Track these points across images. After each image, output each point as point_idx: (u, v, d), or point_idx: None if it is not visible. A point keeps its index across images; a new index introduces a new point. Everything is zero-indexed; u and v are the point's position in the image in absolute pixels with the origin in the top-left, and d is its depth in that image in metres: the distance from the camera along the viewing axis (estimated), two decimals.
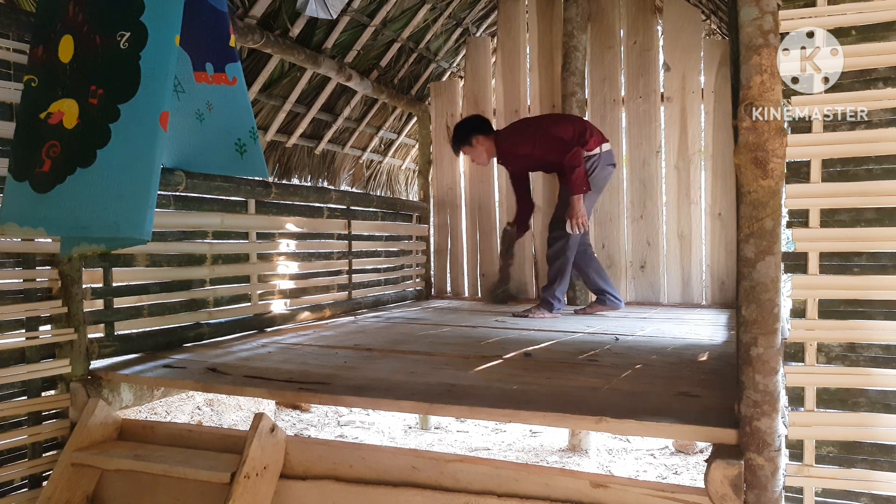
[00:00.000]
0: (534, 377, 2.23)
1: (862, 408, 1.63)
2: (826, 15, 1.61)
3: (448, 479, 1.85)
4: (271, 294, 3.42)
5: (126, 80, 1.92)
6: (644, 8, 4.58)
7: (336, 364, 2.48)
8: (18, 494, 2.19)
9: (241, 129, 2.56)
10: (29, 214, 1.98)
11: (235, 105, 2.53)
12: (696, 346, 2.88)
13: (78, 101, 1.98)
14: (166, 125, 1.94)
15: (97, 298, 2.49)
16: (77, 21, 2.02)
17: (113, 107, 1.92)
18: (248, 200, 3.29)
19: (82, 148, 1.94)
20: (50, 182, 1.96)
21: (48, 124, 2.00)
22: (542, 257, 4.88)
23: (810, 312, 1.65)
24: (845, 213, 1.63)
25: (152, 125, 1.91)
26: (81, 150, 1.94)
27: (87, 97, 1.96)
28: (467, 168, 5.16)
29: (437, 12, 4.76)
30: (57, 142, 1.98)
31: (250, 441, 1.94)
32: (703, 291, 4.51)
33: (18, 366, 2.19)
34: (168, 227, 2.82)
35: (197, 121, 2.54)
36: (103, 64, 1.96)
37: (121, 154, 1.91)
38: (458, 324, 3.62)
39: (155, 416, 3.78)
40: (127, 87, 1.92)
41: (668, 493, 1.66)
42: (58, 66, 2.02)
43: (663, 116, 4.55)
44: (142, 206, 1.90)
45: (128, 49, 1.93)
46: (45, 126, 2.00)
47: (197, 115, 2.54)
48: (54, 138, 1.98)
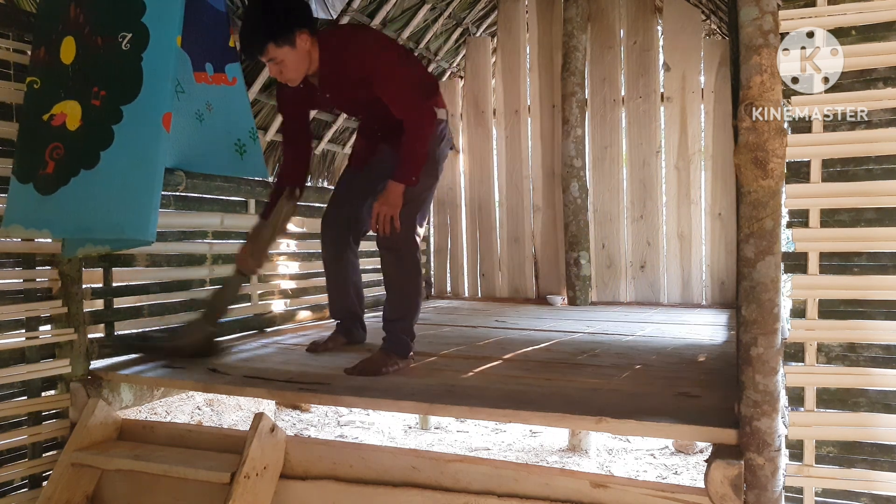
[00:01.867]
0: (534, 377, 2.23)
1: (862, 408, 1.63)
2: (826, 15, 1.61)
3: (448, 479, 1.85)
4: (271, 294, 3.42)
5: (128, 82, 1.92)
6: (644, 8, 4.58)
7: (336, 364, 2.47)
8: (18, 494, 2.19)
9: (240, 129, 2.56)
10: (33, 216, 1.99)
11: (235, 105, 2.54)
12: (696, 346, 2.88)
13: (80, 103, 1.98)
14: (169, 126, 1.94)
15: (97, 298, 2.49)
16: (78, 22, 2.02)
17: (115, 108, 1.92)
18: (248, 200, 3.30)
19: (85, 149, 1.94)
20: (54, 184, 1.96)
21: (51, 126, 2.00)
22: (541, 257, 4.89)
23: (810, 312, 1.65)
24: (845, 213, 1.63)
25: (155, 126, 1.91)
26: (85, 152, 1.94)
27: (90, 98, 1.96)
28: (467, 168, 5.16)
29: (437, 12, 4.76)
30: (60, 143, 1.98)
31: (250, 441, 1.94)
32: (703, 291, 4.50)
33: (18, 366, 2.19)
34: (168, 227, 2.82)
35: (197, 121, 2.55)
36: (105, 65, 1.96)
37: (124, 155, 1.91)
38: (458, 324, 3.62)
39: (155, 416, 3.78)
40: (129, 88, 1.92)
41: (668, 493, 1.66)
42: (60, 68, 2.02)
43: (663, 116, 4.55)
44: (146, 207, 1.90)
45: (129, 50, 1.93)
46: (47, 128, 2.00)
47: (197, 116, 2.54)
48: (57, 140, 1.98)
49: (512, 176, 4.98)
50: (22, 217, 2.00)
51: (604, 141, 4.68)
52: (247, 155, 2.57)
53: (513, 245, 4.97)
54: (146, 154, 1.91)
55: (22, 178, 2.02)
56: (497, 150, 5.09)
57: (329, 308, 2.88)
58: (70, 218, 1.96)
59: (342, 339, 2.81)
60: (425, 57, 5.10)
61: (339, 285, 2.78)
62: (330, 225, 2.72)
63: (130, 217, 1.90)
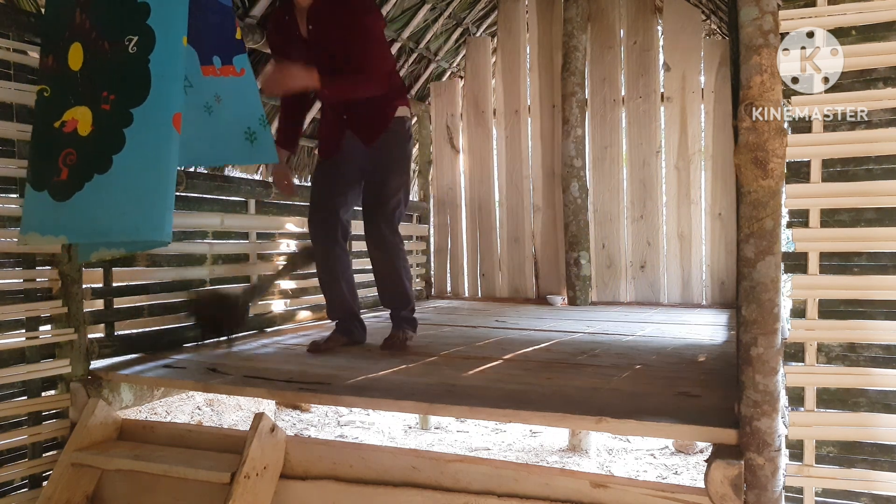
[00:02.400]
0: (534, 377, 2.23)
1: (862, 408, 1.63)
2: (826, 15, 1.61)
3: (448, 479, 1.85)
4: (271, 294, 3.42)
5: (137, 85, 1.93)
6: (644, 8, 4.58)
7: (336, 364, 2.47)
8: (18, 494, 2.19)
9: (250, 117, 2.56)
10: (50, 223, 2.00)
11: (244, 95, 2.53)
12: (696, 346, 2.88)
13: (91, 108, 1.99)
14: (180, 126, 1.94)
15: (97, 298, 2.49)
16: (84, 28, 2.02)
17: (126, 112, 1.93)
18: (248, 200, 3.29)
19: (98, 154, 1.95)
20: (68, 190, 1.98)
21: (63, 133, 2.01)
22: (541, 257, 4.89)
23: (810, 312, 1.65)
24: (845, 213, 1.63)
25: (166, 127, 1.91)
26: (97, 157, 1.95)
27: (100, 104, 1.97)
28: (467, 168, 5.16)
29: (437, 12, 4.76)
30: (73, 150, 1.99)
31: (250, 441, 1.94)
32: (703, 291, 4.51)
33: (18, 366, 2.19)
34: None
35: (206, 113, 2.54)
36: (113, 69, 1.97)
37: (136, 158, 1.92)
38: (458, 324, 3.62)
39: (155, 416, 3.78)
40: (138, 91, 1.93)
41: (668, 493, 1.66)
42: (69, 75, 2.03)
43: (663, 116, 4.55)
44: (161, 208, 1.91)
45: (136, 53, 1.94)
46: (59, 135, 2.01)
47: (205, 108, 2.54)
48: (70, 146, 2.00)
49: (512, 176, 4.98)
50: (39, 224, 2.01)
51: (604, 141, 4.68)
52: (257, 142, 2.57)
53: (513, 245, 4.98)
54: (158, 155, 1.92)
55: (37, 185, 2.03)
56: (497, 150, 5.09)
57: (327, 309, 2.91)
58: (86, 223, 1.97)
59: (342, 339, 2.83)
60: (425, 57, 5.10)
61: (333, 284, 2.83)
62: (316, 225, 2.82)
63: (146, 218, 1.91)
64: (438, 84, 5.28)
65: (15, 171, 2.16)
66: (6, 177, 2.15)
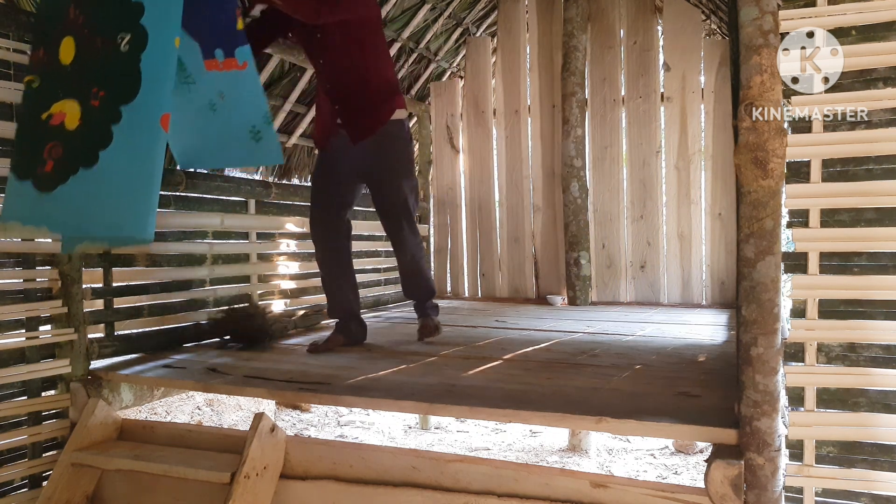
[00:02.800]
0: (534, 377, 2.23)
1: (862, 408, 1.63)
2: (826, 15, 1.61)
3: (448, 479, 1.85)
4: (271, 294, 3.42)
5: (127, 82, 1.93)
6: (644, 8, 4.58)
7: (336, 364, 2.47)
8: (18, 494, 2.19)
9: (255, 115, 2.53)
10: (31, 213, 1.99)
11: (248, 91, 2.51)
12: (696, 346, 2.88)
13: (80, 103, 1.99)
14: (167, 126, 1.94)
15: (97, 298, 2.49)
16: (78, 23, 2.02)
17: (114, 108, 1.93)
18: (248, 200, 3.29)
19: (84, 149, 1.95)
20: (53, 182, 1.97)
21: (49, 125, 2.00)
22: (541, 257, 4.89)
23: (810, 312, 1.65)
24: (845, 213, 1.63)
25: (153, 127, 1.91)
26: (84, 151, 1.95)
27: (90, 99, 1.97)
28: (467, 168, 5.16)
29: (437, 12, 4.76)
30: (59, 142, 1.99)
31: (250, 441, 1.94)
32: (703, 291, 4.50)
33: (18, 366, 2.19)
34: (168, 227, 2.82)
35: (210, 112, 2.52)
36: (104, 66, 1.97)
37: (123, 155, 1.92)
38: (458, 324, 3.62)
39: (155, 416, 3.78)
40: (128, 88, 1.93)
41: (668, 493, 1.66)
42: (59, 68, 2.02)
43: (663, 116, 4.55)
44: (144, 207, 1.90)
45: (128, 51, 1.94)
46: (46, 127, 2.01)
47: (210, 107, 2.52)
48: (56, 139, 1.99)
49: (512, 176, 4.98)
50: (20, 214, 2.01)
51: (604, 141, 4.68)
52: (262, 141, 2.56)
53: (513, 245, 4.97)
54: (144, 154, 1.92)
55: (20, 175, 2.02)
56: (497, 150, 5.09)
57: (328, 307, 2.91)
58: (69, 216, 1.96)
59: (342, 339, 2.83)
60: (425, 57, 5.10)
61: (335, 283, 2.86)
62: (317, 223, 2.84)
63: (128, 216, 1.91)
64: (438, 84, 5.28)
65: None
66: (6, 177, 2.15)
